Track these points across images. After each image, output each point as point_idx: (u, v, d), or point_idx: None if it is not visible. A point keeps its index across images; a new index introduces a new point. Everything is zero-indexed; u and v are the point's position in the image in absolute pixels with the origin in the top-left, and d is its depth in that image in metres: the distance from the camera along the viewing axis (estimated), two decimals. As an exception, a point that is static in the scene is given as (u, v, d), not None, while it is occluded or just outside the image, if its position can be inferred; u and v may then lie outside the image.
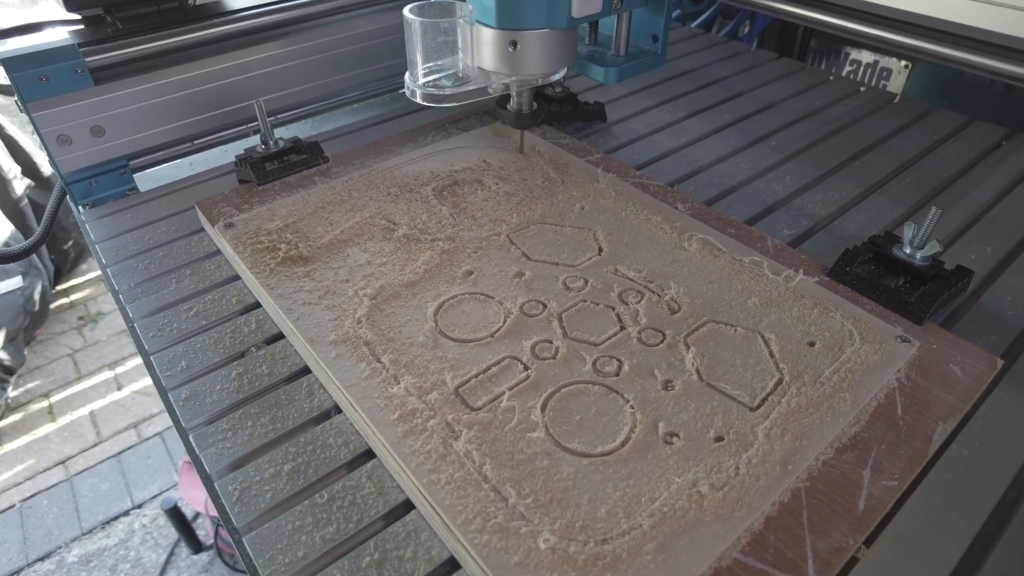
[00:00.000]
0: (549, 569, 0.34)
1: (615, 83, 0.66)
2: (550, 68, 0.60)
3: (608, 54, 0.67)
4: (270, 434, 0.45)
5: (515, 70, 0.59)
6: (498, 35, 0.57)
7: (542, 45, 0.57)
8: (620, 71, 0.64)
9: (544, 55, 0.58)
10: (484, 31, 0.57)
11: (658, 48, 0.67)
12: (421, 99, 0.60)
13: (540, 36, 0.57)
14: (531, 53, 0.57)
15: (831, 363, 0.45)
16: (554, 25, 0.56)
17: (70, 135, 0.65)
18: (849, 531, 0.37)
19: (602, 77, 0.65)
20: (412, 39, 0.58)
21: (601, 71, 0.65)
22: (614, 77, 0.64)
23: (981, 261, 0.58)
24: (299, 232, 0.58)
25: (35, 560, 1.40)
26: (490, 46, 0.58)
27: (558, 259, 0.55)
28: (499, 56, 0.58)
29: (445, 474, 0.38)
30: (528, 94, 0.66)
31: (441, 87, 0.60)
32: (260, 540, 0.39)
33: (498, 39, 0.57)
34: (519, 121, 0.68)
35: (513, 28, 0.56)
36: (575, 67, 0.66)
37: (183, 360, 0.50)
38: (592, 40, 0.69)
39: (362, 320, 0.49)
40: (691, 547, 0.35)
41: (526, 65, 0.58)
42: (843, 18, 0.62)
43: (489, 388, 0.44)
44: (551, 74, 0.61)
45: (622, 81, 0.66)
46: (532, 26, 0.56)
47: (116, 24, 0.69)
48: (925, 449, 0.41)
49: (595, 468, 0.39)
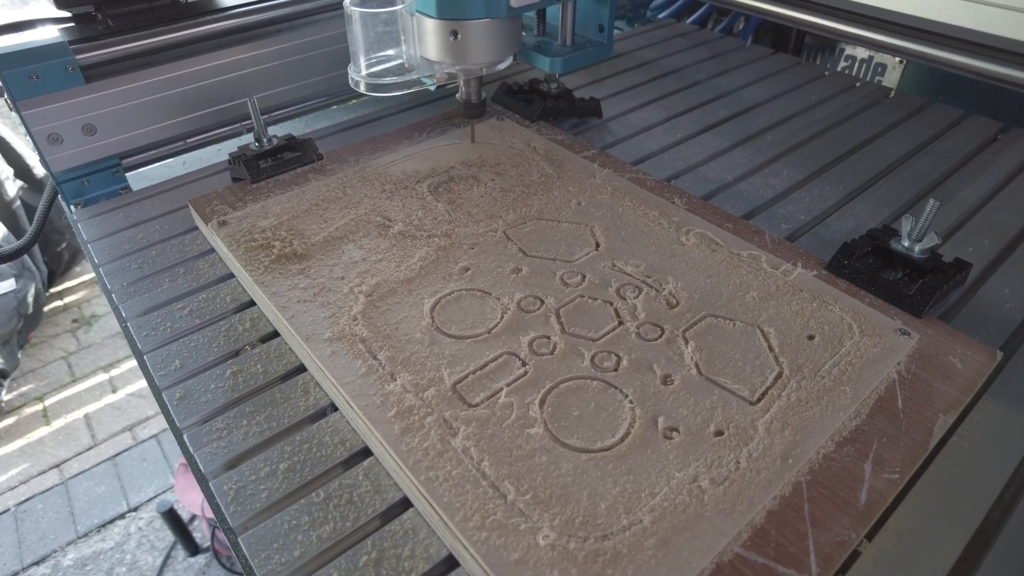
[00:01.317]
0: (549, 566, 0.33)
1: (560, 72, 0.68)
2: (493, 57, 0.60)
3: (555, 44, 0.68)
4: (265, 433, 0.44)
5: (458, 60, 0.59)
6: (439, 25, 0.57)
7: (483, 35, 0.58)
8: (565, 61, 0.65)
9: (486, 45, 0.59)
10: (426, 21, 0.58)
11: (604, 38, 0.68)
12: (364, 89, 0.60)
13: (481, 26, 0.57)
14: (473, 43, 0.58)
15: (831, 356, 0.45)
16: (494, 15, 0.57)
17: (61, 134, 0.64)
18: (851, 524, 0.36)
19: (547, 67, 0.66)
20: (353, 30, 0.58)
21: (547, 61, 0.66)
22: (559, 67, 0.65)
23: (979, 254, 0.58)
24: (293, 230, 0.57)
25: (30, 564, 1.39)
26: (432, 36, 0.58)
27: (555, 255, 0.54)
28: (441, 46, 0.58)
29: (443, 471, 0.38)
30: (476, 83, 0.67)
31: (384, 77, 0.60)
32: (256, 540, 0.38)
33: (439, 29, 0.57)
34: (468, 111, 0.68)
35: (453, 18, 0.56)
36: (521, 57, 0.67)
37: (177, 359, 0.50)
38: (540, 31, 0.70)
39: (358, 317, 0.48)
40: (692, 542, 0.34)
41: (469, 55, 0.59)
42: (828, 18, 0.61)
43: (487, 384, 0.43)
44: (495, 63, 0.62)
45: (568, 71, 0.69)
46: (472, 16, 0.56)
47: (107, 22, 0.69)
48: (926, 442, 0.41)
49: (594, 464, 0.38)
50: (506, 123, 0.74)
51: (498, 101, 0.80)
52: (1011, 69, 0.52)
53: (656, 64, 0.96)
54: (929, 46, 0.54)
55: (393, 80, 0.60)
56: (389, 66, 0.62)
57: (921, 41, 0.52)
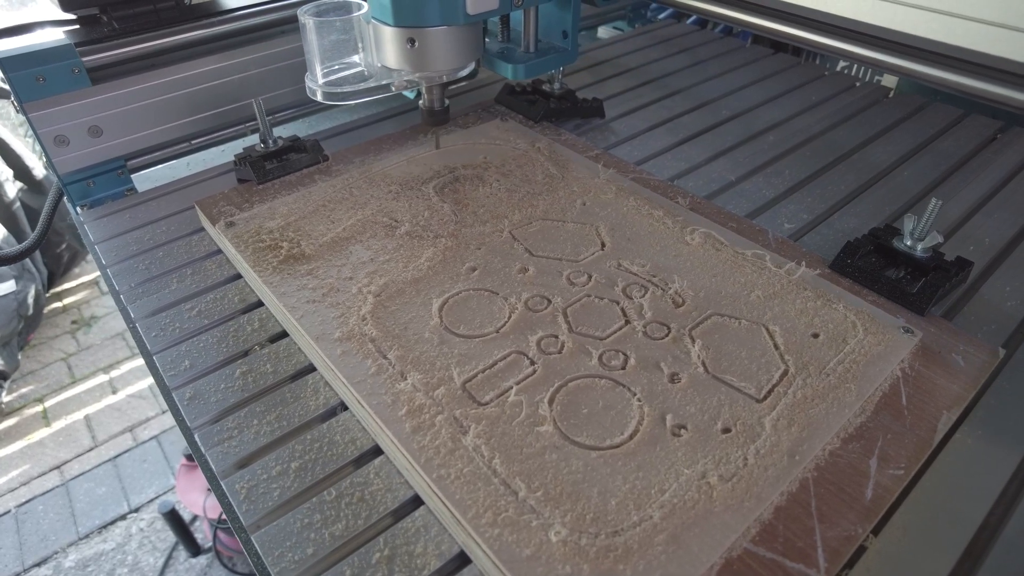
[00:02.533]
0: (561, 562, 0.34)
1: (523, 79, 0.67)
2: (453, 65, 0.60)
3: (518, 51, 0.67)
4: (276, 432, 0.44)
5: (417, 67, 0.59)
6: (396, 32, 0.57)
7: (442, 42, 0.58)
8: (527, 68, 0.65)
9: (445, 52, 0.58)
10: (383, 29, 0.57)
11: (568, 44, 0.67)
12: (321, 99, 0.60)
13: (438, 33, 0.57)
14: (431, 50, 0.58)
15: (835, 354, 0.46)
16: (450, 22, 0.57)
17: (67, 135, 0.65)
18: (857, 520, 0.37)
19: (510, 73, 0.65)
20: (308, 39, 0.58)
21: (509, 67, 0.65)
22: (522, 73, 0.65)
23: (980, 253, 0.59)
24: (301, 230, 0.57)
25: (31, 566, 1.39)
26: (390, 44, 0.58)
27: (561, 254, 0.55)
28: (399, 54, 0.58)
29: (455, 469, 0.38)
30: (438, 91, 0.65)
31: (341, 85, 0.59)
32: (269, 538, 0.38)
33: (397, 37, 0.57)
34: (431, 118, 0.67)
35: (410, 25, 0.56)
36: (484, 63, 0.67)
37: (186, 359, 0.50)
38: (504, 36, 0.69)
39: (367, 317, 0.48)
40: (702, 538, 0.35)
41: (428, 62, 0.58)
42: (808, 30, 0.59)
43: (496, 383, 0.44)
44: (456, 71, 0.61)
45: (530, 78, 0.67)
46: (429, 23, 0.56)
47: (112, 24, 0.69)
48: (930, 438, 0.41)
49: (604, 461, 0.39)
50: (510, 123, 0.75)
51: (501, 102, 0.81)
52: (985, 83, 0.51)
53: (657, 65, 0.96)
54: (908, 60, 0.53)
55: (351, 88, 0.59)
56: (347, 74, 0.61)
57: (899, 55, 0.51)
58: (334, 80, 0.60)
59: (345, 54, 0.60)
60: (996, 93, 0.37)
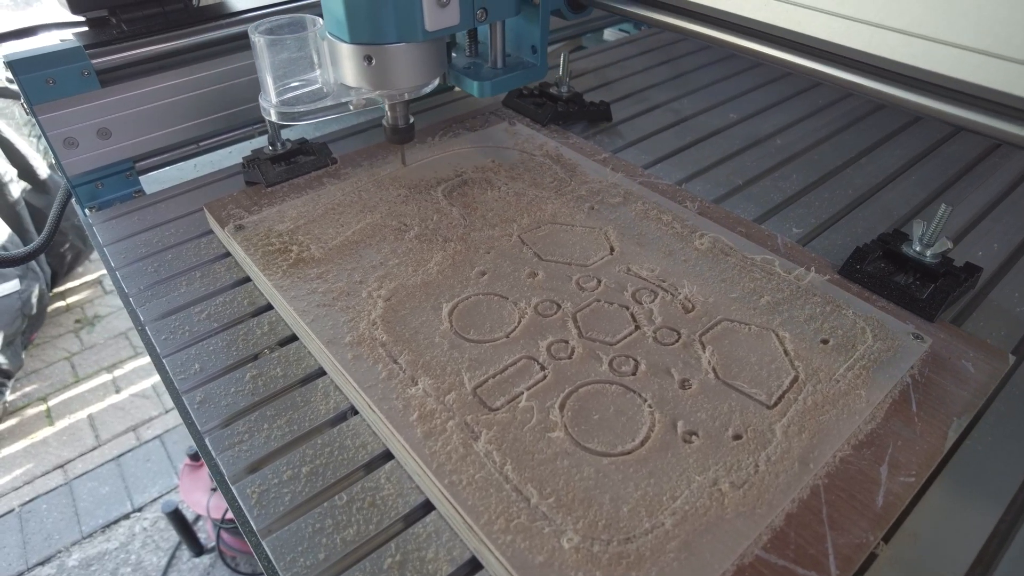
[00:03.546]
0: (574, 568, 0.34)
1: (489, 96, 0.64)
2: (414, 82, 0.58)
3: (485, 66, 0.64)
4: (287, 436, 0.44)
5: (376, 85, 0.56)
6: (353, 50, 0.54)
7: (401, 59, 0.55)
8: (493, 84, 0.62)
9: (404, 69, 0.56)
10: (340, 46, 0.55)
11: (537, 60, 0.64)
12: (276, 119, 0.57)
13: (397, 50, 0.55)
14: (390, 67, 0.55)
15: (845, 360, 0.46)
16: (408, 39, 0.54)
17: (76, 137, 0.65)
18: (869, 527, 0.37)
19: (475, 91, 0.63)
20: (261, 58, 0.55)
21: (475, 84, 0.63)
22: (488, 90, 0.62)
23: (988, 258, 0.59)
24: (310, 234, 0.58)
25: (35, 564, 1.40)
26: (347, 61, 0.55)
27: (570, 259, 0.55)
28: (357, 71, 0.56)
29: (466, 475, 0.38)
30: (402, 108, 0.62)
31: (295, 105, 0.57)
32: (280, 543, 0.38)
33: (353, 54, 0.55)
34: (394, 136, 0.64)
35: (366, 42, 0.54)
36: (450, 79, 0.64)
37: (196, 363, 0.50)
38: (472, 51, 0.66)
39: (377, 322, 0.48)
40: (714, 545, 0.35)
41: (387, 80, 0.56)
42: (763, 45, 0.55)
43: (507, 388, 0.44)
44: (418, 88, 0.59)
45: (496, 94, 0.64)
46: (386, 40, 0.54)
47: (121, 26, 0.69)
48: (940, 445, 0.41)
49: (616, 467, 0.39)
50: (518, 127, 0.75)
51: (509, 105, 0.81)
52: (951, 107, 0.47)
53: (663, 68, 0.96)
54: (885, 84, 0.48)
55: (307, 108, 0.57)
56: (306, 91, 0.58)
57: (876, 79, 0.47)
58: (290, 99, 0.58)
59: (301, 72, 0.58)
60: (977, 122, 0.36)
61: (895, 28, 0.38)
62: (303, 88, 0.59)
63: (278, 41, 0.55)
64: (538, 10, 0.61)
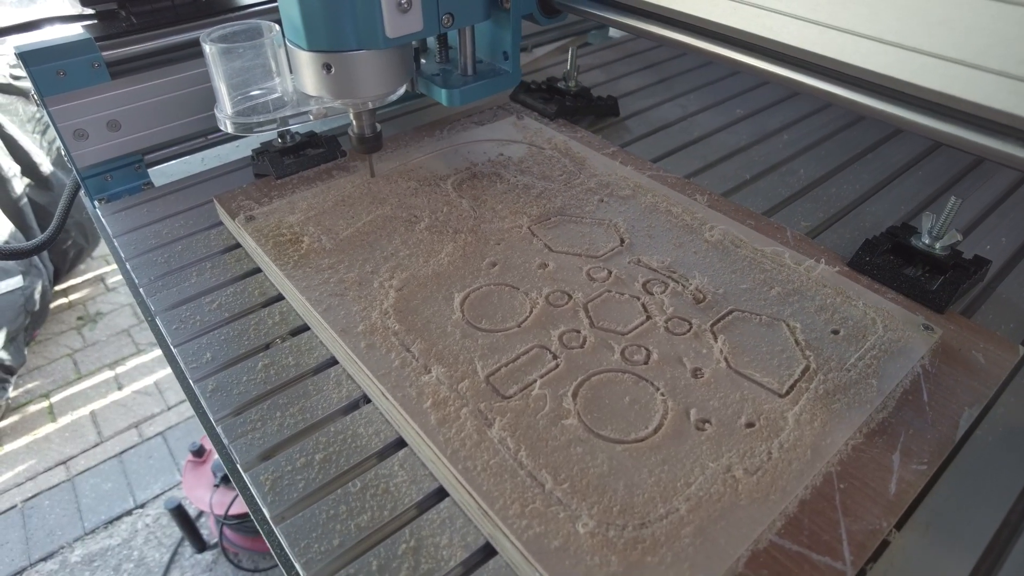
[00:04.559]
0: (589, 553, 0.34)
1: (459, 105, 0.62)
2: (377, 91, 0.55)
3: (455, 73, 0.62)
4: (299, 424, 0.45)
5: (337, 94, 0.54)
6: (311, 57, 0.52)
7: (362, 67, 0.52)
8: (463, 93, 0.60)
9: (366, 78, 0.53)
10: (299, 54, 0.52)
11: (510, 66, 0.62)
12: (232, 131, 0.55)
13: (357, 58, 0.52)
14: (350, 76, 0.52)
15: (856, 351, 0.46)
16: (369, 46, 0.52)
17: (86, 129, 0.65)
18: (882, 514, 0.37)
19: (444, 99, 0.60)
20: (213, 67, 0.53)
21: (444, 93, 0.60)
22: (457, 99, 0.60)
23: (997, 251, 0.59)
24: (321, 225, 0.58)
25: (38, 560, 1.39)
26: (306, 69, 0.53)
27: (581, 250, 0.55)
28: (317, 80, 0.53)
29: (480, 461, 0.38)
30: (368, 116, 0.59)
31: (254, 116, 0.55)
32: (294, 529, 0.39)
33: (312, 62, 0.52)
34: (362, 146, 0.61)
35: (325, 50, 0.51)
36: (419, 86, 0.62)
37: (208, 352, 0.50)
38: (443, 57, 0.64)
39: (389, 311, 0.49)
40: (728, 530, 0.35)
41: (348, 89, 0.53)
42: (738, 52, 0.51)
43: (519, 377, 0.44)
44: (381, 97, 0.56)
45: (466, 103, 0.62)
46: (345, 47, 0.51)
47: (131, 19, 0.69)
48: (952, 434, 0.41)
49: (629, 454, 0.39)
50: (526, 121, 0.75)
51: (516, 99, 0.81)
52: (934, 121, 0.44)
53: (670, 63, 0.97)
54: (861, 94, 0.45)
55: (264, 118, 0.55)
56: (261, 102, 0.56)
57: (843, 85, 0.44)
58: (248, 108, 0.55)
59: (261, 80, 0.55)
60: (957, 136, 0.34)
61: (869, 36, 0.36)
62: (265, 96, 0.56)
63: (231, 50, 0.52)
64: (509, 15, 0.58)
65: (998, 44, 0.30)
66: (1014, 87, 0.29)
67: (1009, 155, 0.31)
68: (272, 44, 0.54)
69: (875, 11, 0.34)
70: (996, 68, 0.30)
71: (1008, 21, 0.29)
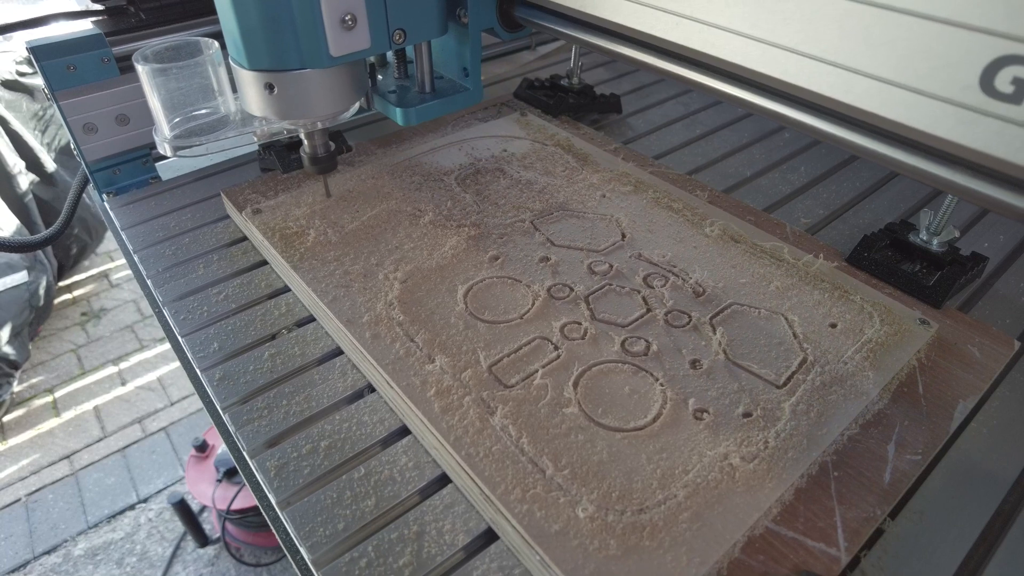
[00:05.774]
0: (589, 537, 0.35)
1: (415, 124, 0.58)
2: (324, 111, 0.51)
3: (412, 90, 0.59)
4: (305, 412, 0.45)
5: (282, 115, 0.50)
6: (253, 76, 0.49)
7: (306, 87, 0.49)
8: (419, 112, 0.57)
9: (312, 97, 0.50)
10: (241, 72, 0.49)
11: (470, 83, 0.58)
12: (171, 153, 0.52)
13: (300, 77, 0.48)
14: (295, 96, 0.49)
15: (853, 343, 0.46)
16: (312, 65, 0.48)
17: (96, 123, 0.66)
18: (876, 502, 0.38)
19: (399, 118, 0.57)
20: (148, 87, 0.50)
21: (398, 112, 0.57)
22: (413, 118, 0.57)
23: (994, 249, 0.60)
24: (327, 218, 0.59)
25: (41, 553, 1.40)
26: (248, 88, 0.50)
27: (582, 244, 0.56)
28: (260, 100, 0.50)
29: (483, 447, 0.39)
30: (321, 136, 0.56)
31: (194, 138, 0.52)
32: (299, 514, 0.39)
33: (254, 81, 0.49)
34: (315, 167, 0.58)
35: (266, 69, 0.48)
36: (374, 103, 0.59)
37: (215, 342, 0.51)
38: (401, 72, 0.61)
39: (394, 303, 0.49)
40: (725, 516, 0.36)
41: (292, 109, 0.50)
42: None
43: (521, 367, 0.45)
44: (330, 116, 0.53)
45: (422, 121, 0.58)
46: (287, 66, 0.48)
47: (139, 15, 0.70)
48: (947, 425, 0.42)
49: (628, 442, 0.40)
50: (529, 118, 0.76)
51: (520, 97, 0.82)
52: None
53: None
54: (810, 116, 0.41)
55: (205, 139, 0.52)
56: (206, 122, 0.52)
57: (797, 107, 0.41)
58: (191, 128, 0.52)
59: (203, 99, 0.52)
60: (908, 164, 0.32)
61: (813, 55, 0.34)
62: (210, 116, 0.53)
63: (164, 70, 0.49)
64: (468, 29, 0.55)
65: (942, 68, 0.28)
66: (960, 115, 0.28)
67: (962, 187, 0.30)
68: (212, 62, 0.51)
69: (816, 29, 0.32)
70: (940, 94, 0.28)
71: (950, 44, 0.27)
